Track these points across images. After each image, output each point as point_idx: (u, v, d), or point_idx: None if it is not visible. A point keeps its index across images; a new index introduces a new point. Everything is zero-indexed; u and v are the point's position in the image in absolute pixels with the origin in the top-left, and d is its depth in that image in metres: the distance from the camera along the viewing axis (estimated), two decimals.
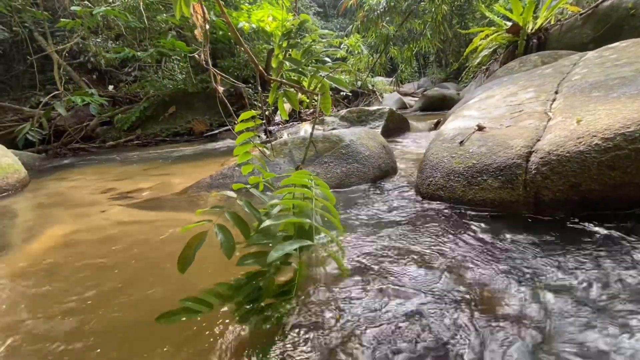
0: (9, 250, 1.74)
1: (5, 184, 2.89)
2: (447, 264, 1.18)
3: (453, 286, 1.05)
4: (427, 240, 1.36)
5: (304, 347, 0.87)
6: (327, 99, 1.76)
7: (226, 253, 0.95)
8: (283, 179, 1.09)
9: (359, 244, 1.38)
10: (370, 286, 1.07)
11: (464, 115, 2.30)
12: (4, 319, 1.10)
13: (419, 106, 6.93)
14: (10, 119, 6.45)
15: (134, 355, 0.91)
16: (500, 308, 0.94)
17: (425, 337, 0.86)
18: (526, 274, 1.08)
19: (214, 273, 1.27)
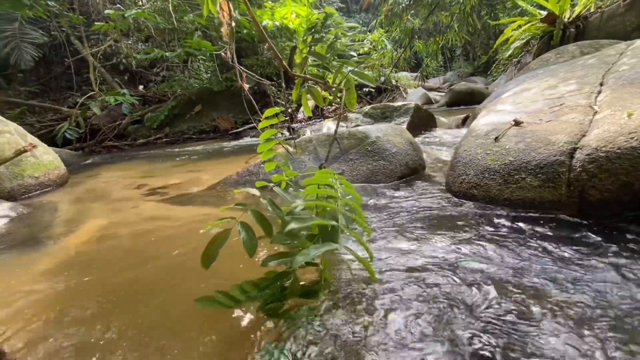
0: (52, 241, 1.84)
1: (47, 179, 3.06)
2: (485, 270, 1.13)
3: (493, 296, 1.00)
4: (461, 243, 1.30)
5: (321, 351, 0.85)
6: (352, 95, 1.73)
7: (248, 251, 0.95)
8: (306, 177, 1.08)
9: (387, 246, 1.34)
10: (398, 294, 1.03)
11: (498, 109, 2.19)
12: (48, 305, 1.16)
13: (446, 101, 6.72)
14: (50, 118, 6.86)
15: (166, 337, 0.93)
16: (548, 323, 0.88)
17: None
18: (575, 280, 1.01)
19: (245, 266, 1.28)
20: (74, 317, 1.10)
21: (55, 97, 8.36)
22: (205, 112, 7.13)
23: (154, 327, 1.01)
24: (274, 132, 1.41)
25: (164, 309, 1.10)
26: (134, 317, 1.07)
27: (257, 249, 1.00)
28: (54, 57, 8.60)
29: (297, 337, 0.89)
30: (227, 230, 0.96)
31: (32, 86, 8.25)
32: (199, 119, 7.05)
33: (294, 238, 1.01)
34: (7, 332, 1.04)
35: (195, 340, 0.94)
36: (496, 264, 1.14)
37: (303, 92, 1.83)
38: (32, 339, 1.01)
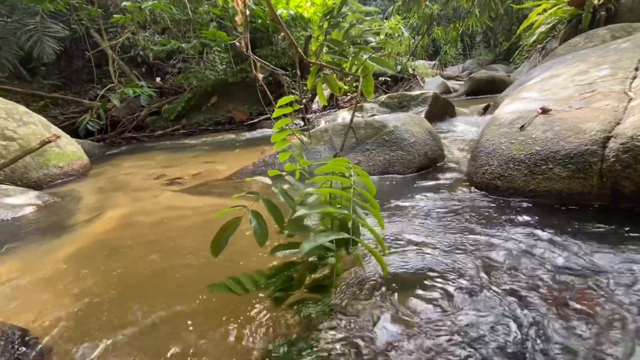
0: (76, 229, 1.90)
1: (70, 169, 3.16)
2: (511, 266, 1.08)
3: (520, 301, 0.96)
4: (484, 237, 1.26)
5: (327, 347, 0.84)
6: (369, 82, 1.67)
7: (258, 241, 0.94)
8: (320, 167, 1.05)
9: (403, 239, 1.31)
10: (413, 292, 1.01)
11: (523, 97, 2.10)
12: (72, 289, 1.20)
13: (465, 90, 6.50)
14: (73, 110, 7.06)
15: (182, 322, 0.94)
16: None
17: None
18: (615, 277, 0.96)
19: (260, 255, 1.28)
20: (96, 301, 1.13)
21: (76, 90, 8.59)
22: (220, 104, 7.17)
23: (172, 312, 1.03)
24: (288, 121, 1.39)
25: (183, 295, 1.12)
26: (154, 302, 1.09)
27: (273, 238, 0.99)
28: (75, 50, 8.80)
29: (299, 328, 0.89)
30: (237, 219, 0.95)
31: (54, 79, 8.50)
32: (214, 110, 7.11)
33: (304, 229, 0.99)
34: (33, 314, 1.08)
35: (211, 324, 0.94)
36: (522, 260, 1.09)
37: (318, 80, 1.79)
38: (55, 320, 1.04)
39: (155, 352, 0.88)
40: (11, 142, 2.84)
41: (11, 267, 1.48)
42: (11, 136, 2.87)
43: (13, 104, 3.19)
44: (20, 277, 1.38)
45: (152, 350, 0.89)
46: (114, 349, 0.91)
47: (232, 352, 0.86)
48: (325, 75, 1.74)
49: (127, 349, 0.90)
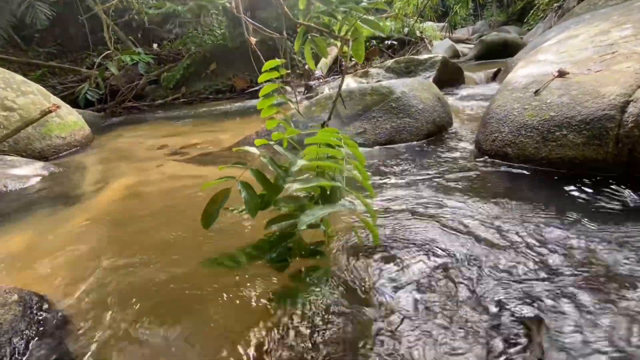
0: (84, 199, 1.92)
1: (73, 140, 3.14)
2: (520, 238, 1.08)
3: (527, 273, 0.96)
4: (490, 206, 1.24)
5: (329, 305, 0.86)
6: (359, 45, 1.58)
7: (250, 212, 0.92)
8: (309, 137, 1.02)
9: (405, 208, 1.30)
10: (402, 262, 1.01)
11: (539, 60, 1.99)
12: (83, 257, 1.23)
13: (475, 54, 6.22)
14: (71, 79, 6.90)
15: (187, 288, 0.97)
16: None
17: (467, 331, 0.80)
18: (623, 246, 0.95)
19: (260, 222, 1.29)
20: (107, 268, 1.16)
21: (72, 58, 8.35)
22: (220, 71, 6.95)
23: (181, 277, 1.05)
24: (275, 87, 1.32)
25: (192, 261, 1.13)
26: (165, 269, 1.11)
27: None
28: (68, 15, 8.44)
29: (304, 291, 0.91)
30: (227, 190, 0.93)
31: (50, 47, 8.23)
32: (214, 77, 6.91)
33: (297, 201, 0.99)
34: (49, 281, 1.12)
35: (218, 292, 0.97)
36: (531, 230, 1.08)
37: (306, 43, 1.69)
38: (70, 287, 1.07)
39: (167, 315, 0.91)
40: (11, 112, 2.79)
41: (24, 236, 1.51)
42: (11, 106, 2.82)
43: (10, 73, 3.11)
44: (33, 245, 1.41)
45: (164, 314, 0.92)
46: (127, 313, 0.94)
47: (238, 305, 0.88)
48: (312, 37, 1.64)
49: (140, 314, 0.93)
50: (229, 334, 0.83)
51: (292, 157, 1.00)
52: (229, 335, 0.82)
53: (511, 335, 0.71)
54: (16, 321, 0.89)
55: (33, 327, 0.91)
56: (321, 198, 0.94)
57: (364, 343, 0.75)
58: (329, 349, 0.75)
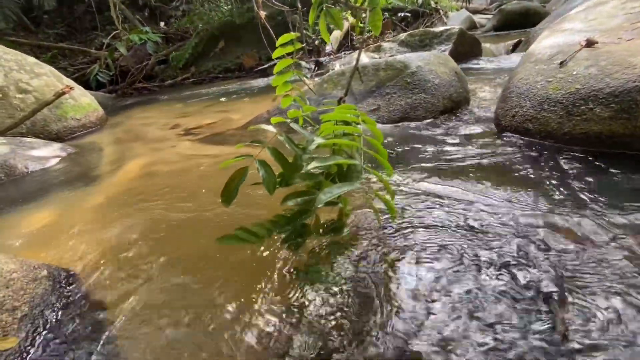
0: (101, 179, 1.96)
1: (88, 121, 3.18)
2: (541, 222, 1.05)
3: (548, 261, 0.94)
4: (511, 185, 1.21)
5: (345, 280, 0.87)
6: (377, 16, 1.51)
7: (268, 189, 0.93)
8: (326, 113, 1.00)
9: (420, 187, 1.28)
10: (416, 240, 1.00)
11: (564, 29, 1.88)
12: (107, 235, 1.27)
13: (493, 24, 5.90)
14: (81, 61, 6.91)
15: (206, 265, 0.99)
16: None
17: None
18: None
19: (275, 198, 1.30)
20: (127, 245, 1.20)
21: (81, 39, 8.31)
22: (229, 49, 6.83)
23: (196, 255, 1.08)
24: (290, 62, 1.28)
25: (206, 240, 1.16)
26: (183, 245, 1.14)
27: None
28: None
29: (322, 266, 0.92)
30: (244, 168, 0.94)
31: (58, 28, 8.20)
32: (223, 56, 6.80)
33: (314, 178, 0.99)
34: (75, 257, 1.16)
35: (238, 267, 0.99)
36: (556, 211, 1.06)
37: (321, 15, 1.63)
38: (95, 262, 1.12)
39: (188, 286, 0.94)
40: (26, 94, 2.83)
41: (48, 214, 1.57)
42: (26, 89, 2.85)
43: (22, 55, 3.13)
44: (57, 223, 1.46)
45: (186, 285, 0.95)
46: (149, 285, 0.97)
47: (259, 275, 0.91)
48: (327, 8, 1.57)
49: (163, 286, 0.96)
50: (248, 307, 0.85)
51: (309, 135, 0.99)
52: (248, 309, 0.85)
53: (535, 310, 0.70)
54: (47, 294, 0.94)
55: (62, 300, 0.96)
56: (338, 175, 0.93)
57: (384, 314, 0.76)
58: (345, 321, 0.77)
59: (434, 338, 0.69)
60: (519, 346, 0.63)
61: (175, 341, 0.79)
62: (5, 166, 2.07)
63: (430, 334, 0.70)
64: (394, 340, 0.71)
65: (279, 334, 0.77)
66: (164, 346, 0.79)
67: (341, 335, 0.74)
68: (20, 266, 0.96)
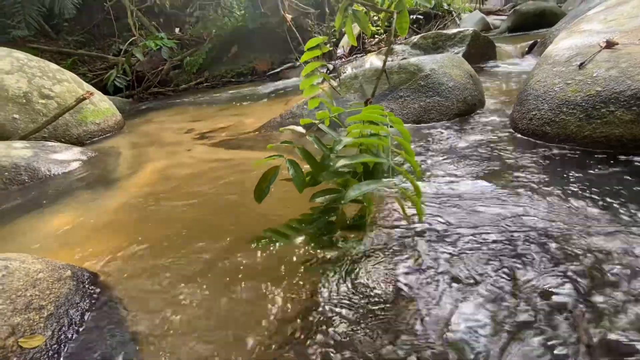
0: (119, 182, 2.02)
1: (107, 125, 3.27)
2: (563, 226, 1.03)
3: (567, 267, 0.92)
4: (530, 190, 1.19)
5: (370, 275, 0.86)
6: (404, 18, 1.52)
7: (298, 187, 0.98)
8: (352, 115, 1.04)
9: (439, 189, 1.27)
10: (446, 241, 0.99)
11: (583, 30, 1.84)
12: (128, 237, 1.30)
13: (508, 26, 5.82)
14: (99, 67, 7.12)
15: (217, 267, 1.01)
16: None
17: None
18: None
19: (286, 204, 1.31)
20: (147, 246, 1.23)
21: (99, 45, 8.56)
22: (241, 54, 6.93)
23: (214, 256, 1.09)
24: (317, 65, 1.31)
25: (223, 243, 1.18)
26: (203, 246, 1.16)
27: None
28: (93, 3, 8.61)
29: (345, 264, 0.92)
30: (276, 167, 0.99)
31: (77, 35, 8.47)
32: (236, 60, 6.91)
33: (341, 176, 1.03)
34: (96, 258, 1.20)
35: (257, 265, 1.00)
36: (576, 221, 1.03)
37: (347, 18, 1.65)
38: (116, 263, 1.15)
39: (210, 285, 0.96)
40: (49, 100, 2.94)
41: (70, 216, 1.62)
42: (48, 94, 2.96)
43: (45, 62, 3.25)
44: (79, 225, 1.51)
45: (207, 284, 0.97)
46: (169, 286, 0.99)
47: (278, 270, 0.92)
48: (354, 12, 1.59)
49: (183, 286, 0.98)
50: (271, 306, 0.86)
51: (336, 136, 1.04)
52: (271, 308, 0.86)
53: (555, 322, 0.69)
54: (71, 294, 0.97)
55: (86, 300, 0.99)
56: (364, 174, 0.97)
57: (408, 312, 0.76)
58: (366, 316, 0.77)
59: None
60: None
61: (197, 341, 0.81)
62: (29, 169, 2.15)
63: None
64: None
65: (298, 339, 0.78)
66: (186, 346, 0.80)
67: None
68: (46, 266, 0.99)
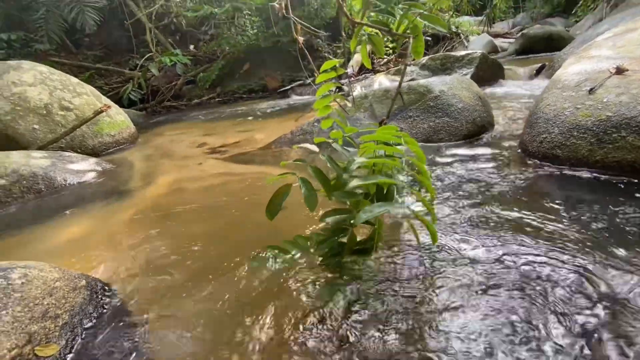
0: (132, 193, 2.05)
1: (121, 137, 3.36)
2: (581, 257, 1.03)
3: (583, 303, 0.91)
4: (544, 214, 1.19)
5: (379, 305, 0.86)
6: (420, 42, 1.56)
7: (309, 206, 0.96)
8: (366, 135, 1.04)
9: (449, 213, 1.27)
10: (455, 272, 0.99)
11: (592, 55, 1.87)
12: (139, 247, 1.32)
13: (515, 49, 5.91)
14: (115, 80, 7.37)
15: (227, 280, 1.01)
16: None
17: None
18: None
19: (298, 220, 1.32)
20: (158, 258, 1.24)
21: (117, 60, 8.87)
22: (253, 71, 7.13)
23: (225, 269, 1.10)
24: (331, 86, 1.35)
25: (236, 255, 1.19)
26: (211, 261, 1.17)
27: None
28: (113, 20, 8.99)
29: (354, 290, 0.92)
30: (288, 185, 0.99)
31: (96, 50, 8.81)
32: (247, 77, 7.10)
33: (353, 196, 1.01)
34: (108, 269, 1.21)
35: (266, 279, 1.01)
36: (574, 240, 1.03)
37: (363, 42, 1.70)
38: (127, 274, 1.16)
39: (219, 300, 0.96)
40: (68, 112, 3.04)
41: (84, 226, 1.65)
42: (68, 106, 3.06)
43: (66, 76, 3.38)
44: (92, 235, 1.54)
45: (214, 304, 0.97)
46: (178, 299, 1.00)
47: (285, 291, 0.92)
48: (370, 36, 1.64)
49: (193, 299, 0.99)
50: (277, 322, 0.86)
51: (350, 155, 1.04)
52: (277, 324, 0.86)
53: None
54: (85, 304, 0.98)
55: (99, 310, 1.00)
56: (377, 195, 0.96)
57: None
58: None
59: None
60: None
61: (208, 356, 0.81)
62: (46, 178, 2.21)
63: None
64: None
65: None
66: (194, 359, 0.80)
67: None
68: (62, 275, 1.01)
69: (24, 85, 2.96)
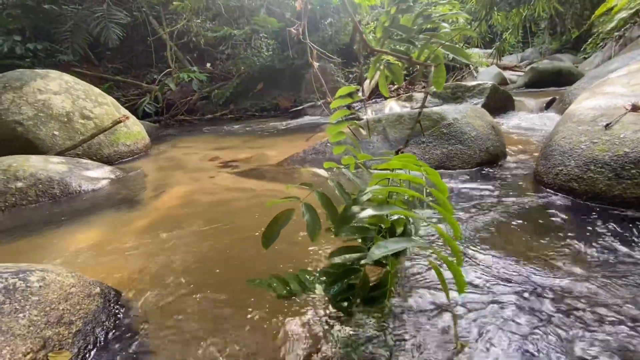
0: (145, 203, 2.07)
1: (136, 148, 3.43)
2: (594, 297, 1.01)
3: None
4: (564, 249, 1.18)
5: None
6: (441, 72, 1.58)
7: (311, 235, 0.87)
8: (380, 162, 0.94)
9: (463, 246, 1.27)
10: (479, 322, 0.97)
11: (606, 92, 1.90)
12: (146, 258, 1.32)
13: (525, 82, 6.02)
14: (132, 92, 7.60)
15: (236, 294, 1.00)
16: None
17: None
18: None
19: (308, 244, 1.31)
20: (169, 270, 1.23)
21: (135, 74, 9.19)
22: (266, 90, 7.33)
23: (234, 283, 1.09)
24: (346, 112, 1.37)
25: (246, 271, 1.18)
26: (221, 276, 1.16)
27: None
28: (135, 36, 9.39)
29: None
30: (290, 211, 0.89)
31: (117, 63, 9.15)
32: (260, 96, 7.28)
33: (364, 232, 0.91)
34: (120, 278, 1.21)
35: (267, 310, 0.99)
36: (595, 279, 1.01)
37: (381, 70, 1.75)
38: (138, 284, 1.15)
39: (227, 320, 0.95)
40: (88, 120, 3.12)
41: (96, 234, 1.66)
42: (88, 115, 3.16)
43: (89, 86, 3.50)
44: (104, 242, 1.54)
45: (223, 319, 0.96)
46: (191, 316, 0.99)
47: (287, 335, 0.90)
48: (389, 64, 1.69)
49: (203, 315, 0.98)
50: (285, 336, 0.84)
51: (361, 184, 0.95)
52: (285, 337, 0.84)
53: None
54: (98, 312, 0.97)
55: (111, 319, 0.99)
56: (389, 231, 0.88)
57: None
58: None
59: None
60: None
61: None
62: (62, 183, 2.24)
63: None
64: None
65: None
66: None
67: None
68: (78, 281, 1.01)
69: (49, 93, 3.07)
